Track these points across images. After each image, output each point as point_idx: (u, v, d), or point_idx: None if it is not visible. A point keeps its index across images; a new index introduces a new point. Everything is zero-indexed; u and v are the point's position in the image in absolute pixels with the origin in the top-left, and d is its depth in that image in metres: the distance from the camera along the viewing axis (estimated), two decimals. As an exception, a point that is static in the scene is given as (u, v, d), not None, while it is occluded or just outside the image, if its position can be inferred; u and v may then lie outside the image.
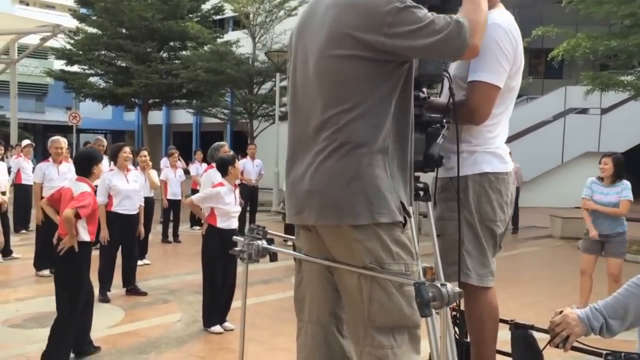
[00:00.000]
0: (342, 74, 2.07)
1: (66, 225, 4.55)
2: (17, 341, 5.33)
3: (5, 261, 8.62)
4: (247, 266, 2.51)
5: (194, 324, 5.90)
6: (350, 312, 2.19)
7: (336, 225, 2.09)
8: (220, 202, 5.71)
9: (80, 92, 23.14)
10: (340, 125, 2.08)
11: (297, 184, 2.20)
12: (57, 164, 8.10)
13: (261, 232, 2.45)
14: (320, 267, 2.28)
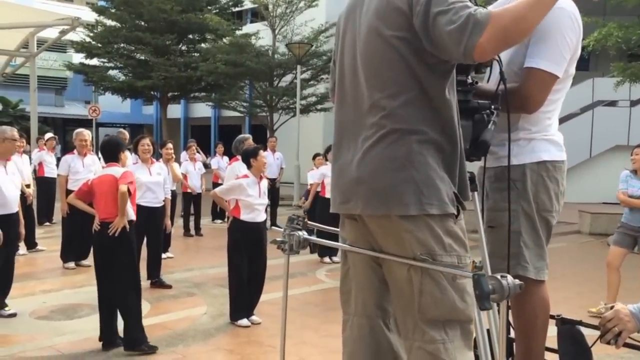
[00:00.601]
0: (390, 57, 1.98)
1: (121, 202, 4.87)
2: (45, 333, 5.32)
3: (30, 253, 8.65)
4: (288, 258, 2.44)
5: (220, 317, 5.86)
6: (399, 305, 2.11)
7: (384, 215, 2.01)
8: (244, 194, 5.65)
9: (99, 86, 23.21)
10: (388, 111, 1.99)
11: (344, 171, 2.13)
12: (82, 156, 8.11)
13: (301, 222, 2.38)
14: (367, 258, 2.20)
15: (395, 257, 2.03)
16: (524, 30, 1.88)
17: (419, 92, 1.98)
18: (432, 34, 1.89)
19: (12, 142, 5.61)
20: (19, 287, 6.44)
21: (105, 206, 4.95)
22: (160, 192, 7.10)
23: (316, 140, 23.98)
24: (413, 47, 1.96)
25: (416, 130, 1.98)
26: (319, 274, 8.17)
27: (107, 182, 5.00)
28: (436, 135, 2.00)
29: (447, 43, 1.86)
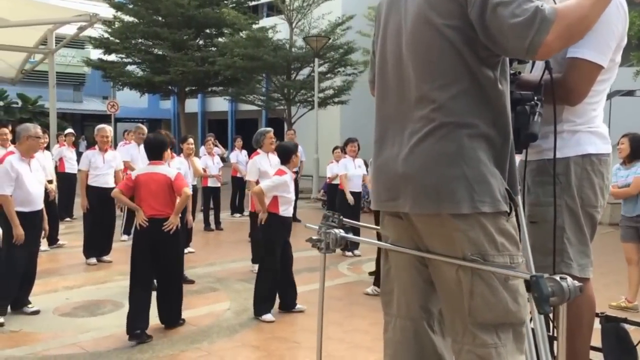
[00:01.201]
0: (441, 46, 1.87)
1: (182, 204, 5.27)
2: (69, 330, 5.28)
3: (51, 249, 8.66)
4: (325, 257, 2.34)
5: (243, 312, 5.80)
6: (446, 307, 2.01)
7: (434, 213, 1.90)
8: (285, 190, 5.68)
9: (118, 81, 23.28)
10: (439, 104, 1.88)
11: (389, 167, 2.02)
12: (102, 152, 8.08)
13: (336, 220, 2.28)
14: (411, 258, 2.10)
15: (444, 257, 1.92)
16: (586, 28, 1.80)
17: (471, 84, 1.88)
18: (490, 25, 1.78)
19: (35, 139, 5.58)
20: (41, 283, 6.43)
21: (155, 203, 5.15)
22: None
23: (334, 133, 23.90)
24: (466, 36, 1.85)
25: (467, 124, 1.87)
26: (341, 267, 8.08)
27: (157, 181, 5.20)
28: (487, 129, 1.89)
29: (508, 37, 1.75)
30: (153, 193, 5.17)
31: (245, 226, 9.50)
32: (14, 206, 5.45)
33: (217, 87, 24.01)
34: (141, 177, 5.27)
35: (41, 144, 5.99)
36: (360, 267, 8.03)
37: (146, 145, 5.53)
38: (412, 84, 1.95)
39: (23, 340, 5.00)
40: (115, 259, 8.12)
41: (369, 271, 7.59)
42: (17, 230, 5.41)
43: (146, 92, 24.72)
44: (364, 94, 25.05)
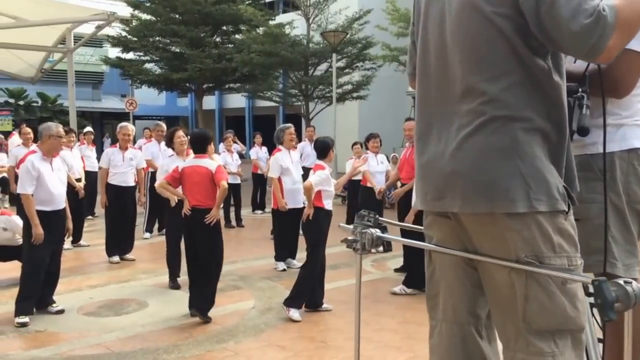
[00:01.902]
0: (490, 35, 1.76)
1: (221, 196, 5.47)
2: (94, 330, 5.26)
3: (74, 248, 8.66)
4: (361, 258, 2.24)
5: (268, 311, 5.74)
6: (497, 312, 1.90)
7: (487, 213, 1.79)
8: (328, 184, 5.72)
9: (136, 79, 23.35)
10: (489, 96, 1.77)
11: (435, 164, 1.91)
12: (123, 150, 8.06)
13: (372, 219, 2.17)
14: (457, 260, 2.00)
15: (495, 260, 1.81)
16: None
17: (523, 74, 1.76)
18: (545, 22, 1.67)
19: (57, 139, 5.56)
20: (65, 282, 6.42)
21: (196, 194, 5.50)
22: None
23: (352, 129, 23.77)
24: (516, 24, 1.74)
25: (521, 117, 1.76)
26: (364, 264, 7.97)
27: (200, 173, 5.54)
28: (542, 122, 1.78)
29: (566, 39, 1.65)
30: (196, 185, 5.53)
31: (266, 223, 9.45)
32: (34, 205, 5.43)
33: (235, 83, 23.98)
34: (186, 169, 5.63)
35: (66, 142, 5.98)
36: (384, 264, 7.93)
37: (192, 140, 5.90)
38: (458, 75, 1.84)
39: (48, 341, 4.99)
40: (138, 257, 8.12)
41: (394, 268, 7.49)
42: (36, 229, 5.39)
43: (164, 90, 24.77)
44: (382, 89, 24.91)
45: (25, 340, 5.01)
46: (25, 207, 5.41)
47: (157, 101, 35.35)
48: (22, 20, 7.51)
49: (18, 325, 5.27)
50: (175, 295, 6.32)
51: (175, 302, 6.07)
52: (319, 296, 5.77)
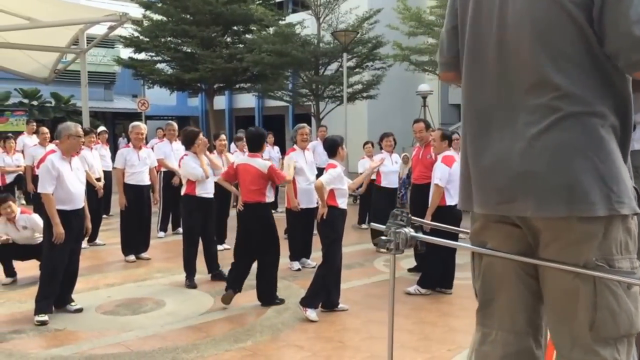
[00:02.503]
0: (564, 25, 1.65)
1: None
2: (113, 329, 5.30)
3: (90, 247, 8.72)
4: (394, 258, 2.23)
5: (285, 311, 5.75)
6: (554, 319, 1.82)
7: (563, 216, 1.67)
8: (340, 182, 5.69)
9: (148, 79, 23.42)
10: (564, 91, 1.66)
11: (499, 165, 1.78)
12: (137, 149, 8.10)
13: (405, 218, 2.15)
14: (517, 269, 1.89)
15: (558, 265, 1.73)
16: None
17: (597, 69, 1.68)
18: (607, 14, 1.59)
19: (76, 138, 5.60)
20: (83, 281, 6.46)
21: (248, 191, 5.90)
22: (212, 183, 7.05)
23: (361, 129, 23.74)
24: (590, 14, 1.63)
25: (596, 113, 1.67)
26: (377, 264, 7.99)
27: (251, 172, 5.90)
28: (614, 118, 1.70)
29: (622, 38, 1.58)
30: (247, 182, 5.91)
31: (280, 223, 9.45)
32: (55, 205, 5.48)
33: (245, 83, 24.02)
34: (240, 166, 6.05)
35: (89, 142, 6.02)
36: (398, 264, 7.88)
37: (247, 138, 6.27)
38: (526, 68, 1.72)
39: (68, 339, 5.03)
40: (153, 256, 8.17)
41: (407, 268, 7.49)
42: (57, 228, 5.44)
43: (176, 90, 24.84)
44: (392, 89, 24.83)
45: (45, 338, 5.06)
46: (46, 207, 5.46)
47: (168, 101, 35.45)
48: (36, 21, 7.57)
49: (38, 323, 5.33)
50: (192, 295, 6.36)
51: (192, 301, 6.11)
52: (335, 296, 5.78)
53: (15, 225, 6.62)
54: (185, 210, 6.91)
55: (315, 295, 5.58)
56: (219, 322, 5.45)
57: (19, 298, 6.23)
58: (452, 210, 6.20)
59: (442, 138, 6.41)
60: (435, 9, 16.04)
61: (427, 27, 15.95)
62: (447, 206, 6.19)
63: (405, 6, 17.00)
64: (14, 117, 25.09)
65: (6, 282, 6.77)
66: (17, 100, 28.35)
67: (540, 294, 1.89)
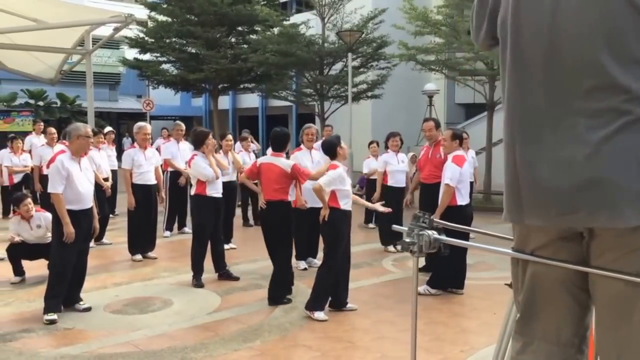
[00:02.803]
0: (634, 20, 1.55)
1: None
2: (121, 328, 5.31)
3: (97, 246, 8.73)
4: (417, 261, 2.19)
5: (292, 310, 5.76)
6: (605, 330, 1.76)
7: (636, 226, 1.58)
8: (342, 183, 5.62)
9: (153, 80, 23.47)
10: (634, 94, 1.56)
11: (561, 173, 1.65)
12: (143, 149, 8.12)
13: (427, 220, 2.11)
14: (565, 279, 1.82)
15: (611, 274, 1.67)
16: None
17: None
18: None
19: (85, 139, 5.62)
20: (90, 280, 6.46)
21: (270, 189, 6.02)
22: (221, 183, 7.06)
23: (365, 128, 23.75)
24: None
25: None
26: (385, 263, 7.99)
27: (275, 171, 6.06)
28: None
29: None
30: (270, 181, 6.04)
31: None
32: (64, 204, 5.49)
33: (250, 83, 24.07)
34: (263, 165, 6.21)
35: (96, 142, 6.04)
36: (405, 263, 7.92)
37: (271, 138, 6.35)
38: (585, 70, 1.61)
39: (77, 338, 5.05)
40: (159, 255, 8.19)
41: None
42: (67, 228, 5.45)
43: (180, 90, 24.88)
44: (396, 88, 24.78)
45: (54, 337, 5.07)
46: (56, 207, 5.47)
47: (172, 101, 35.53)
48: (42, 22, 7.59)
49: (47, 322, 5.34)
50: (199, 294, 6.38)
51: (200, 300, 6.13)
52: (344, 296, 5.78)
53: (30, 224, 6.67)
54: (195, 210, 6.93)
55: (319, 297, 5.57)
56: (226, 322, 5.46)
57: (27, 297, 6.25)
58: (463, 209, 6.20)
59: (453, 137, 6.40)
60: (442, 9, 15.99)
61: (433, 26, 15.90)
62: (458, 206, 6.18)
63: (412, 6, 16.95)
64: (21, 118, 25.15)
65: (15, 281, 6.80)
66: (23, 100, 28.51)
67: (588, 305, 1.83)
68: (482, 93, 15.23)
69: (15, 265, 6.83)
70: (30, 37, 8.27)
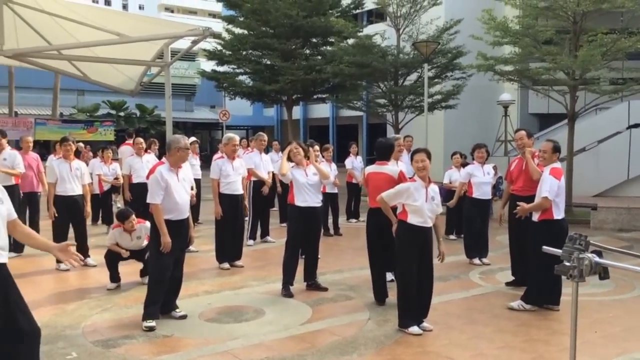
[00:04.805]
0: None
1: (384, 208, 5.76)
2: (218, 336, 5.36)
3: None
4: (577, 286, 2.07)
5: (385, 323, 5.69)
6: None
7: None
8: (411, 198, 5.45)
9: (230, 91, 24.03)
10: None
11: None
12: (231, 160, 8.26)
13: (583, 242, 2.00)
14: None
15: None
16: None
17: None
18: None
19: (184, 150, 5.74)
20: (182, 287, 6.55)
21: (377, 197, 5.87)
22: (319, 193, 6.99)
23: (437, 138, 23.44)
24: None
25: None
26: (473, 276, 7.80)
27: (383, 178, 6.24)
28: None
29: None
30: (377, 188, 6.05)
31: (363, 232, 9.46)
32: (163, 215, 5.63)
33: (323, 94, 24.29)
34: (371, 174, 6.44)
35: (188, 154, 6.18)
36: (493, 277, 7.72)
37: (376, 148, 6.51)
38: None
39: (177, 346, 5.13)
40: (246, 264, 8.28)
41: (505, 282, 7.28)
42: (164, 238, 5.58)
43: (256, 101, 25.37)
44: (469, 98, 24.52)
45: (154, 344, 5.18)
46: (154, 217, 5.62)
47: (245, 112, 36.32)
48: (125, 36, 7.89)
49: (146, 329, 5.47)
50: (290, 304, 6.39)
51: (291, 310, 6.14)
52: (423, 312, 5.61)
53: (131, 236, 6.98)
54: (290, 218, 7.00)
55: (405, 313, 5.45)
56: (321, 333, 5.44)
57: (124, 303, 6.44)
58: (560, 223, 5.99)
59: (554, 151, 6.21)
60: (523, 19, 15.65)
61: (513, 36, 15.57)
62: (555, 220, 5.97)
63: (491, 16, 16.64)
64: (103, 127, 26.25)
65: (111, 287, 7.03)
66: (105, 111, 29.78)
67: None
68: (562, 103, 14.75)
69: (112, 272, 7.07)
70: (112, 50, 8.62)
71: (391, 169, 6.34)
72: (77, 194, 8.29)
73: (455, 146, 15.32)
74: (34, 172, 9.37)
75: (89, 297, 6.66)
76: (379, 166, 6.42)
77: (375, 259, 6.52)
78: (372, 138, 23.98)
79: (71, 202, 8.20)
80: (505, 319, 5.88)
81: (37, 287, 7.17)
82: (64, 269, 7.97)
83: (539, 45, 14.64)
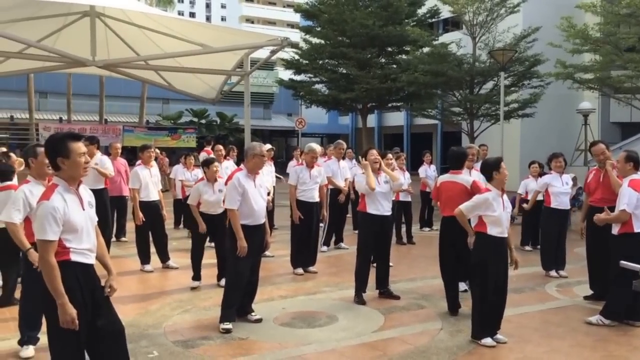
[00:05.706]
0: None
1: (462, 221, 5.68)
2: (292, 341, 5.47)
3: (259, 258, 9.16)
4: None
5: (458, 333, 5.67)
6: None
7: None
8: (490, 209, 5.36)
9: (306, 99, 24.46)
10: None
11: None
12: (309, 168, 8.45)
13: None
14: None
15: None
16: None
17: None
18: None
19: (261, 157, 5.94)
20: (258, 291, 6.75)
21: (452, 205, 5.96)
22: (389, 201, 7.05)
23: (514, 147, 22.90)
24: None
25: None
26: (549, 289, 7.61)
27: (458, 187, 6.32)
28: None
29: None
30: (451, 198, 6.21)
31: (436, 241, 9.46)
32: (239, 220, 5.84)
33: (397, 102, 24.30)
34: (444, 183, 6.52)
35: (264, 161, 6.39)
36: (571, 290, 7.51)
37: (450, 157, 6.62)
38: None
39: (252, 349, 5.29)
40: (319, 270, 8.43)
41: (583, 295, 7.07)
42: (241, 242, 5.78)
43: (331, 109, 25.69)
44: (547, 107, 23.93)
45: (231, 347, 5.35)
46: (231, 222, 5.84)
47: (320, 120, 36.73)
48: (208, 47, 8.22)
49: (223, 331, 5.68)
50: (363, 311, 6.46)
51: (364, 317, 6.21)
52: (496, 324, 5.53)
53: (213, 188, 7.55)
54: (361, 226, 7.09)
55: (479, 324, 5.40)
56: (393, 341, 5.48)
57: (203, 305, 6.69)
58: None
59: (627, 160, 6.01)
60: (604, 26, 15.14)
61: (593, 44, 15.09)
62: (635, 233, 5.78)
63: (570, 23, 16.22)
64: (186, 134, 27.25)
65: (194, 286, 7.39)
66: (188, 119, 30.92)
67: None
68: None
69: (195, 270, 7.51)
70: (195, 60, 8.97)
71: (464, 179, 6.37)
72: (157, 199, 8.69)
73: (533, 155, 14.95)
74: (122, 177, 9.90)
75: (170, 298, 6.96)
76: (452, 175, 6.47)
77: (447, 268, 6.52)
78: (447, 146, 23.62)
79: (152, 206, 8.61)
80: (583, 333, 5.73)
81: (122, 287, 7.50)
82: (148, 270, 8.38)
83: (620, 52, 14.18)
